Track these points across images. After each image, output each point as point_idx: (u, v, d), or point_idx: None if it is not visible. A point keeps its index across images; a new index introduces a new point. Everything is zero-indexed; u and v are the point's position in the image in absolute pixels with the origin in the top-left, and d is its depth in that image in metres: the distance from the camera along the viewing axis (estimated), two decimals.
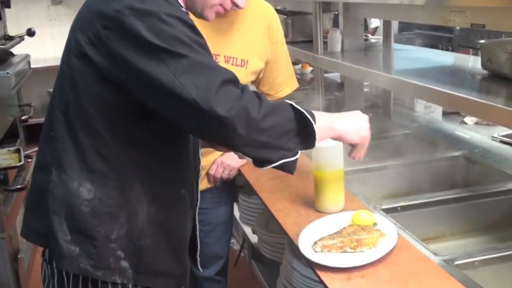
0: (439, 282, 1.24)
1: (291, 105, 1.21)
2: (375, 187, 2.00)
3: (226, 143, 1.18)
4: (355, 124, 1.38)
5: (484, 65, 1.74)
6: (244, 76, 2.02)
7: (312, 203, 1.66)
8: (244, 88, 1.17)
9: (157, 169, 1.26)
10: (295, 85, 2.20)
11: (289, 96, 2.20)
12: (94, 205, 1.20)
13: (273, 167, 1.22)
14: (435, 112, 2.75)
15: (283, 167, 1.22)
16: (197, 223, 1.44)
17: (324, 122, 1.28)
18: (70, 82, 1.20)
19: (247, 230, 2.49)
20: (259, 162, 1.22)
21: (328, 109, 2.79)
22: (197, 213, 1.45)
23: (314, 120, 1.22)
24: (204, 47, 1.17)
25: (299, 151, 1.23)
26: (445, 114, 2.80)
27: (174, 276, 1.33)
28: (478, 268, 1.36)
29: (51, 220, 1.21)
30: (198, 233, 1.46)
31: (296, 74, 2.27)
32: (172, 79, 1.09)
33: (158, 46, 1.09)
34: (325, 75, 2.80)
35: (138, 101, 1.17)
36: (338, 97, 2.98)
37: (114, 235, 1.21)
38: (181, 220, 1.34)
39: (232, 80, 1.15)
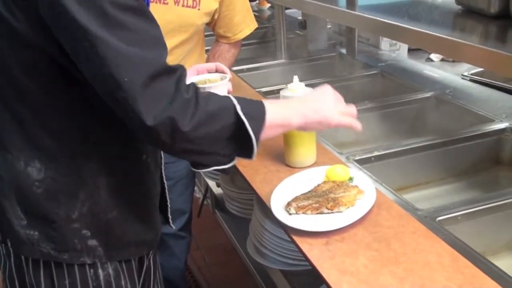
0: (423, 242, 1.16)
1: (235, 109, 1.04)
2: (343, 135, 1.91)
3: (150, 143, 1.06)
4: (318, 113, 1.18)
5: (457, 0, 1.62)
6: (197, 19, 1.85)
7: (281, 157, 1.54)
8: (179, 80, 0.99)
9: (110, 137, 1.11)
10: (254, 25, 2.05)
11: (248, 36, 2.05)
12: (47, 186, 1.08)
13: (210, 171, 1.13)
14: (401, 50, 2.65)
15: (220, 170, 1.12)
16: (164, 181, 1.32)
17: (279, 118, 1.13)
18: None
19: (211, 183, 2.38)
20: (193, 165, 1.12)
21: (290, 48, 2.65)
22: (163, 171, 1.32)
23: (262, 122, 1.07)
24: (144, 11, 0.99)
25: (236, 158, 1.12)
26: (410, 51, 2.70)
27: (146, 241, 1.23)
28: (461, 222, 1.29)
29: (1, 205, 1.10)
30: (166, 190, 1.34)
31: (252, 11, 2.10)
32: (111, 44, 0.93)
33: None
34: (285, 12, 2.63)
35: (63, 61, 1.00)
36: (300, 36, 2.82)
37: (75, 214, 1.09)
38: (146, 185, 1.21)
39: (166, 69, 0.98)
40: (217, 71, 1.45)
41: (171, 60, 1.83)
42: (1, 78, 1.04)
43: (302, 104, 1.19)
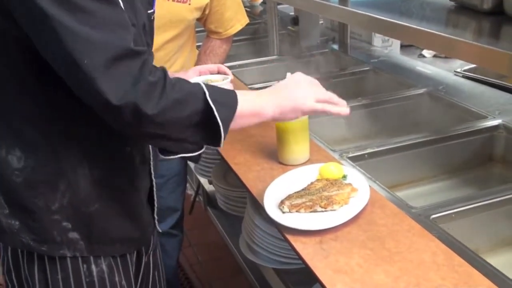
0: (418, 241, 1.15)
1: (204, 95, 1.02)
2: (336, 132, 1.90)
3: (116, 126, 1.01)
4: (291, 100, 1.16)
5: None
6: (188, 13, 1.83)
7: (274, 155, 1.53)
8: (144, 63, 0.97)
9: (91, 127, 1.08)
10: (245, 20, 2.03)
11: (240, 32, 2.04)
12: (26, 175, 1.06)
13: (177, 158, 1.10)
14: (393, 46, 2.64)
15: (187, 157, 1.10)
16: (153, 178, 1.29)
17: (250, 107, 1.11)
18: None
19: (203, 180, 2.36)
20: (161, 151, 1.09)
21: (282, 44, 2.63)
22: (151, 167, 1.29)
23: (232, 110, 1.06)
24: None
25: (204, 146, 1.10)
26: (402, 47, 2.70)
27: (132, 239, 1.20)
28: (455, 220, 1.29)
29: None
30: (154, 188, 1.30)
31: (244, 7, 2.09)
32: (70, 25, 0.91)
33: None
34: (278, 7, 2.62)
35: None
36: (292, 32, 2.80)
37: (55, 206, 1.08)
38: (131, 179, 1.17)
39: (129, 52, 0.95)
40: (219, 72, 1.46)
41: (162, 55, 1.85)
42: None
43: (274, 93, 1.16)
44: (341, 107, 1.22)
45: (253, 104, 1.12)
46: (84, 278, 1.12)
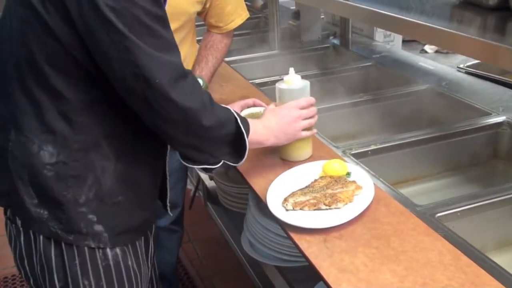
0: (423, 239, 1.13)
1: (236, 119, 1.20)
2: (338, 128, 1.88)
3: (165, 131, 1.15)
4: (287, 135, 1.37)
5: None
6: (189, 6, 1.81)
7: (277, 151, 1.51)
8: (194, 81, 1.15)
9: (124, 126, 1.16)
10: (246, 14, 2.00)
11: (240, 26, 2.02)
12: (58, 169, 1.12)
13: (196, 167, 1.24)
14: (395, 41, 2.62)
15: (204, 168, 1.24)
16: (166, 171, 1.38)
17: (256, 137, 1.28)
18: (18, 35, 1.09)
19: (203, 175, 2.34)
20: (183, 158, 1.22)
21: (283, 39, 2.61)
22: (167, 162, 1.37)
23: (247, 135, 1.23)
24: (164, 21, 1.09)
25: (222, 161, 1.23)
26: (403, 42, 2.68)
27: (146, 225, 1.29)
28: (460, 218, 1.27)
29: (14, 183, 1.14)
30: (168, 181, 1.40)
31: (245, 1, 2.06)
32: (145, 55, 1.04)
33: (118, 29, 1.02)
34: (279, 1, 2.59)
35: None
36: (293, 27, 2.78)
37: (82, 199, 1.13)
38: (150, 173, 1.26)
39: (184, 72, 1.11)
40: (254, 104, 1.59)
41: None
42: (23, 62, 1.09)
43: (275, 128, 1.34)
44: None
45: (259, 135, 1.29)
46: (100, 262, 1.17)
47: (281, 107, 1.38)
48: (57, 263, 1.15)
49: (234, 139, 1.20)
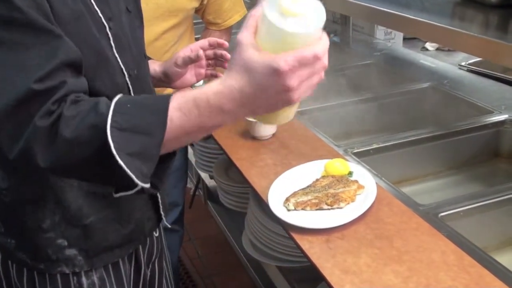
0: (426, 240, 1.12)
1: (105, 127, 0.78)
2: (339, 126, 1.87)
3: None
4: (266, 108, 0.78)
5: None
6: (187, 3, 1.80)
7: (278, 150, 1.50)
8: (42, 104, 0.79)
9: None
10: (244, 11, 1.99)
11: (238, 23, 2.00)
12: (12, 194, 1.02)
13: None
14: (396, 39, 2.60)
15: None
16: None
17: (196, 124, 0.80)
18: None
19: (203, 174, 2.33)
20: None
21: None
22: None
23: (155, 141, 0.79)
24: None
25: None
26: (404, 39, 2.66)
27: (130, 240, 1.13)
28: (463, 218, 1.26)
29: None
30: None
31: None
32: None
33: None
34: None
35: None
36: None
37: (46, 224, 1.02)
38: None
39: (32, 94, 0.79)
40: (210, 45, 1.35)
41: (161, 45, 1.81)
42: None
43: (248, 102, 0.77)
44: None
45: (205, 120, 0.79)
46: None
47: (267, 65, 0.73)
48: None
49: (101, 157, 0.79)
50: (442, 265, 1.05)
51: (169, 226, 1.33)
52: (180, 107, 0.79)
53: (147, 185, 0.81)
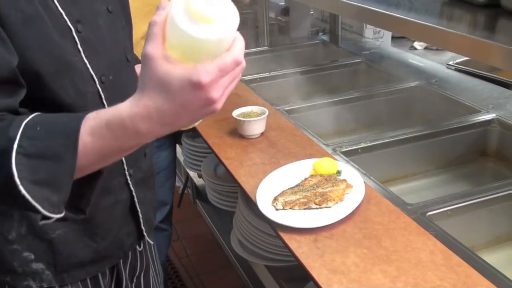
0: (415, 239, 1.13)
1: (9, 153, 0.71)
2: (327, 125, 1.87)
3: None
4: (186, 119, 0.73)
5: None
6: None
7: (267, 149, 1.50)
8: None
9: None
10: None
11: None
12: None
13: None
14: (384, 38, 2.61)
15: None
16: (132, 188, 1.07)
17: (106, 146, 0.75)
18: None
19: (192, 173, 2.32)
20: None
21: (272, 35, 2.60)
22: (128, 176, 1.06)
23: (65, 167, 0.74)
24: None
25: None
26: (393, 38, 2.67)
27: (105, 257, 1.06)
28: (451, 217, 1.26)
29: None
30: (136, 199, 1.09)
31: None
32: None
33: None
34: None
35: None
36: (282, 23, 2.76)
37: (13, 235, 0.97)
38: (96, 195, 0.99)
39: None
40: None
41: None
42: None
43: (156, 121, 0.71)
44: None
45: (113, 144, 0.75)
46: None
47: (187, 79, 0.67)
48: None
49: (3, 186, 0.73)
50: (430, 265, 1.05)
51: (152, 242, 1.25)
52: (92, 131, 0.73)
53: (58, 215, 0.76)
